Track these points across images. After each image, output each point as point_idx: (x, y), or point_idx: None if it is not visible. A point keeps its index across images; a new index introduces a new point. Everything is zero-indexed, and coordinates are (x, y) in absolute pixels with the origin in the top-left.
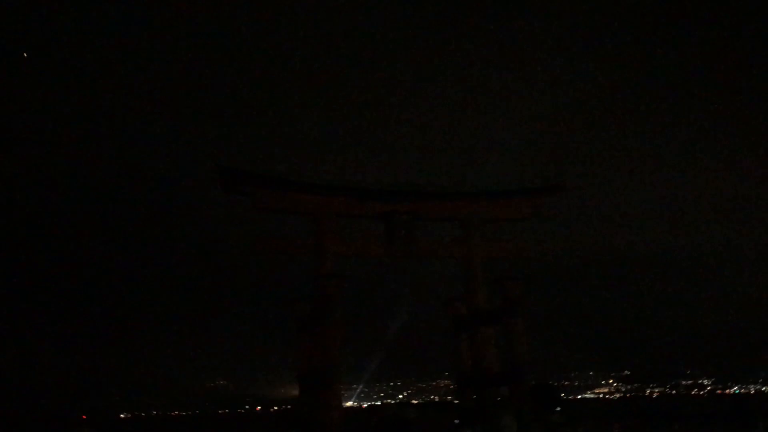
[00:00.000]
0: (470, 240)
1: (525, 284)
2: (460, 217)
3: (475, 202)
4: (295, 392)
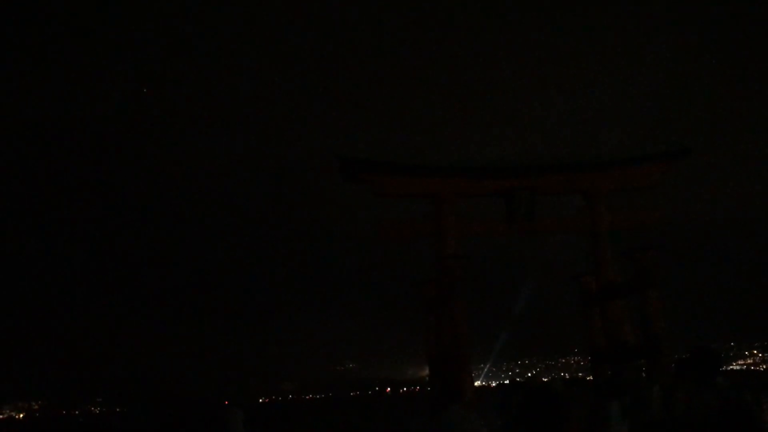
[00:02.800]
0: (595, 211)
1: (658, 253)
2: (584, 189)
3: (599, 172)
4: (423, 373)
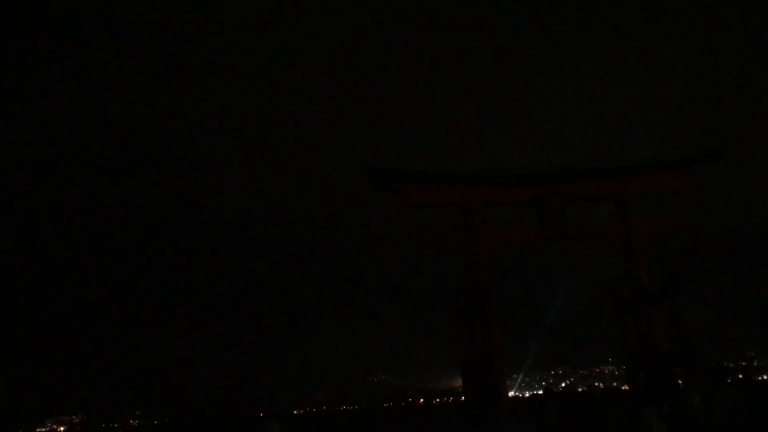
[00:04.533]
0: (626, 217)
1: (691, 258)
2: (614, 194)
3: (630, 177)
4: (456, 384)
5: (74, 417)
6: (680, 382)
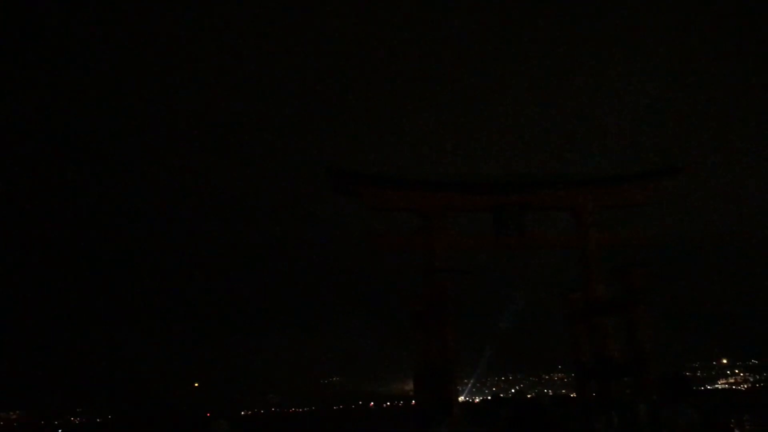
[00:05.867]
0: (584, 228)
1: (645, 271)
2: (573, 206)
3: (589, 189)
4: (407, 388)
5: (12, 413)
6: (628, 392)
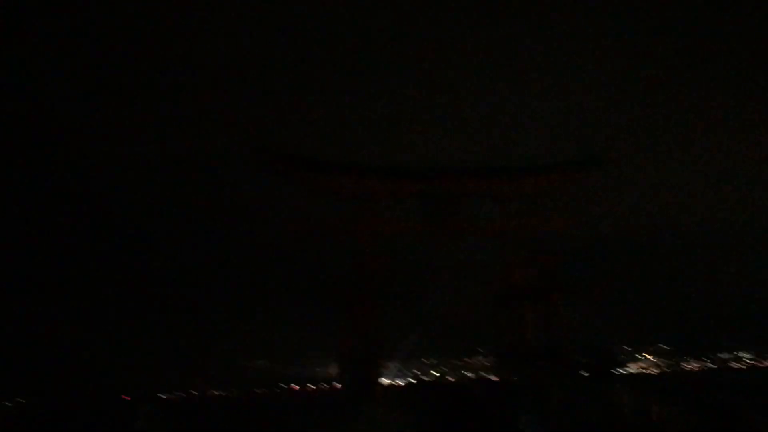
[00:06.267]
0: (508, 216)
1: (563, 259)
2: (498, 194)
3: (512, 178)
4: (332, 371)
5: None
6: (546, 375)
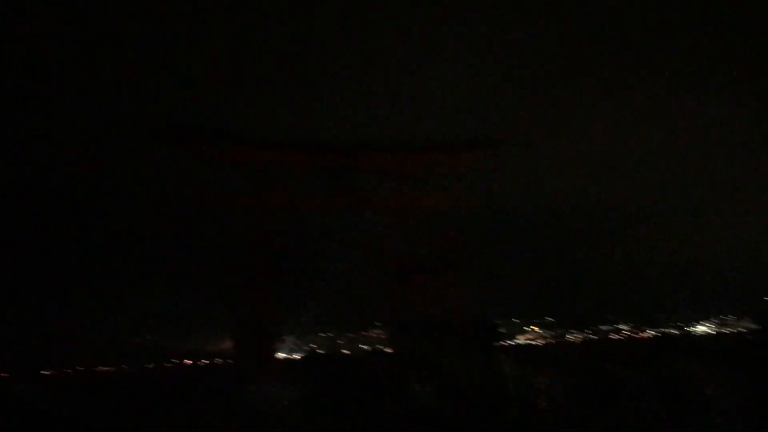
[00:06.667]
0: (409, 192)
1: (458, 235)
2: (399, 170)
3: (414, 155)
4: (225, 346)
5: None
6: (439, 346)
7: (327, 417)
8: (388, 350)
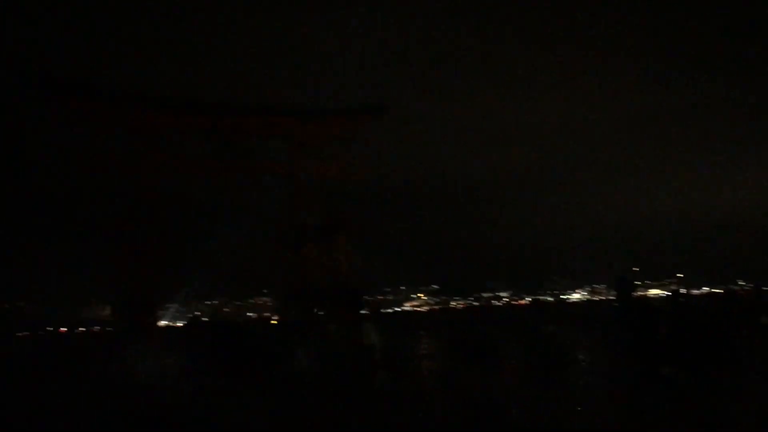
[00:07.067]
0: (296, 158)
1: (351, 203)
2: (286, 134)
3: (301, 120)
4: (104, 313)
5: None
6: (326, 313)
7: (207, 383)
8: (275, 318)
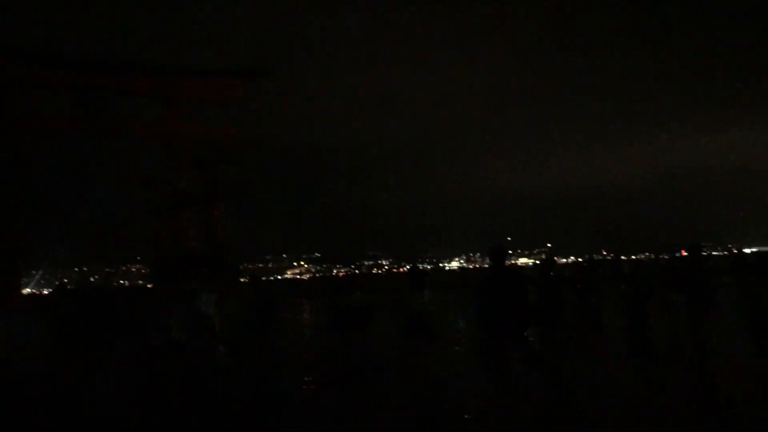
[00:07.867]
0: (173, 119)
1: (229, 168)
2: (163, 95)
3: (180, 80)
4: None
5: None
6: (203, 281)
7: (70, 352)
8: (149, 285)
